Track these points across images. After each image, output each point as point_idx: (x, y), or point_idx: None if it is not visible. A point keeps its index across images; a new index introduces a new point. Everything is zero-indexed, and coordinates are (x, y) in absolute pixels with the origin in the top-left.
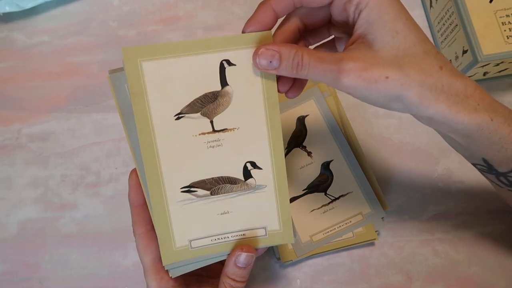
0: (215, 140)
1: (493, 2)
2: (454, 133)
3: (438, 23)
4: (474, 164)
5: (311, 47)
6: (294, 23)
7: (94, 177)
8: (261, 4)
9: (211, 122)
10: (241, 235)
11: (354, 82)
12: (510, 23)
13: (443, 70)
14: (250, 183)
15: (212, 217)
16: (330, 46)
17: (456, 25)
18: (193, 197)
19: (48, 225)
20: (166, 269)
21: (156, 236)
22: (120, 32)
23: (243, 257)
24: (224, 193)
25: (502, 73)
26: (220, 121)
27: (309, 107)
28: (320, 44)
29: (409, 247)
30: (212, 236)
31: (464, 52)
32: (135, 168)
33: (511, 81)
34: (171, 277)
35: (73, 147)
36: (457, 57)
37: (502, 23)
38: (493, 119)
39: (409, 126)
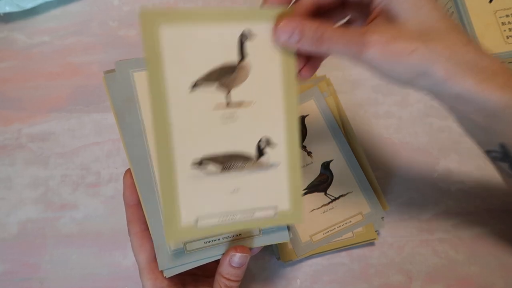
0: (230, 114)
1: (493, 2)
2: (479, 112)
3: None
4: (488, 152)
5: None
6: (308, 2)
7: (94, 177)
8: None
9: (227, 95)
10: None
11: (379, 54)
12: (510, 23)
13: (469, 46)
14: (262, 161)
15: (221, 195)
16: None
17: None
18: (202, 173)
19: (48, 225)
20: (160, 269)
21: (151, 236)
22: (120, 32)
23: (237, 257)
24: (235, 169)
25: None
26: (236, 95)
27: (309, 107)
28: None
29: (409, 247)
30: (220, 215)
31: None
32: (129, 168)
33: None
34: (165, 277)
35: (73, 147)
36: None
37: (502, 23)
38: None
39: (409, 126)
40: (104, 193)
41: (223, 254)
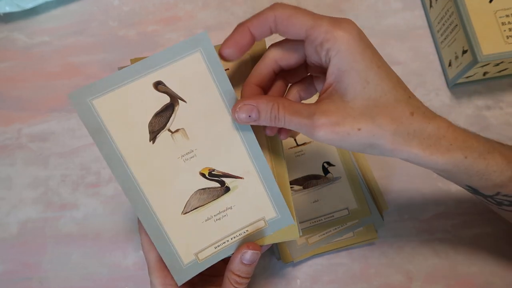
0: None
1: (493, 2)
2: (432, 170)
3: (438, 23)
4: (462, 187)
5: (290, 84)
6: (269, 64)
7: (94, 177)
8: (239, 25)
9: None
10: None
11: (328, 136)
12: (510, 23)
13: (415, 116)
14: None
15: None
16: (309, 83)
17: (456, 25)
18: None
19: (48, 225)
20: (179, 285)
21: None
22: (120, 32)
23: (249, 255)
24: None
25: (502, 73)
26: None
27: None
28: (299, 81)
29: (409, 247)
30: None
31: (464, 52)
32: None
33: (511, 81)
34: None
35: (73, 147)
36: (457, 57)
37: (502, 23)
38: (467, 157)
39: None
40: (104, 193)
41: (235, 251)
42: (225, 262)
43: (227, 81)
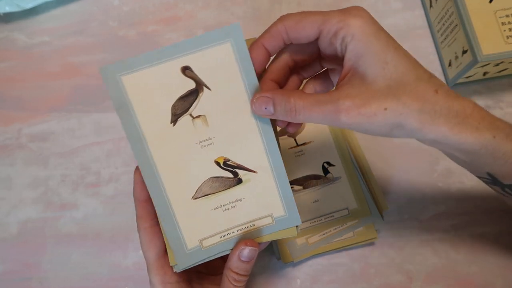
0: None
1: (493, 2)
2: (458, 152)
3: (438, 23)
4: (479, 177)
5: (305, 80)
6: (284, 60)
7: (94, 177)
8: (253, 43)
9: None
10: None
11: (354, 119)
12: (510, 23)
13: (439, 94)
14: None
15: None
16: (324, 77)
17: (456, 25)
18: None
19: (48, 225)
20: (178, 271)
21: (161, 231)
22: (120, 32)
23: (247, 251)
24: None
25: (502, 73)
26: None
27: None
28: (314, 76)
29: (409, 247)
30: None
31: (464, 52)
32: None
33: (511, 81)
34: (174, 272)
35: (73, 147)
36: (457, 57)
37: (502, 23)
38: (495, 136)
39: None
40: (104, 193)
41: (233, 248)
42: (224, 260)
43: (254, 75)
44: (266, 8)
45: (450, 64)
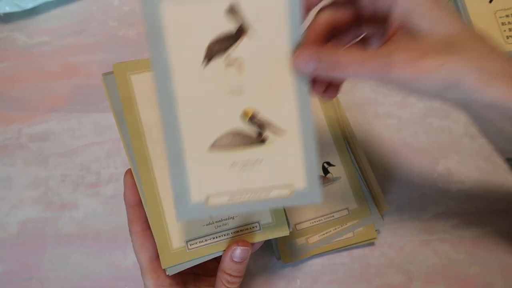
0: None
1: (493, 2)
2: (508, 120)
3: None
4: (508, 160)
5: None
6: (324, 18)
7: (94, 177)
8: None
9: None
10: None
11: (408, 74)
12: (510, 23)
13: (495, 54)
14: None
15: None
16: (365, 43)
17: None
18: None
19: (48, 225)
20: (163, 268)
21: (153, 235)
22: (120, 32)
23: (239, 252)
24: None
25: None
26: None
27: None
28: (353, 45)
29: (409, 247)
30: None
31: None
32: (130, 168)
33: None
34: (167, 275)
35: (73, 147)
36: None
37: (502, 23)
38: None
39: (409, 126)
40: (104, 193)
41: (225, 250)
42: (218, 261)
43: (300, 28)
44: None
45: None
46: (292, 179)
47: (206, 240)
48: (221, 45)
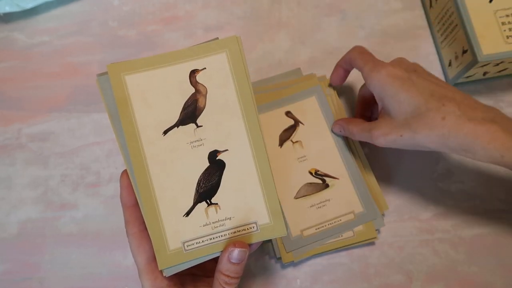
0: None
1: (493, 2)
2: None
3: (438, 23)
4: None
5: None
6: (361, 97)
7: (94, 177)
8: (335, 67)
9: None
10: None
11: (383, 142)
12: (510, 23)
13: (446, 120)
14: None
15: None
16: (364, 121)
17: (456, 25)
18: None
19: (48, 225)
20: (160, 269)
21: (149, 236)
22: (120, 32)
23: (236, 253)
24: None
25: (502, 73)
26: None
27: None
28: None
29: (409, 247)
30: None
31: (464, 52)
32: (125, 169)
33: (511, 81)
34: (165, 276)
35: (73, 147)
36: (457, 57)
37: (502, 23)
38: (504, 156)
39: None
40: (104, 193)
41: (222, 251)
42: (217, 261)
43: (331, 114)
44: (266, 8)
45: (450, 64)
46: (352, 207)
47: (203, 241)
48: (286, 134)
